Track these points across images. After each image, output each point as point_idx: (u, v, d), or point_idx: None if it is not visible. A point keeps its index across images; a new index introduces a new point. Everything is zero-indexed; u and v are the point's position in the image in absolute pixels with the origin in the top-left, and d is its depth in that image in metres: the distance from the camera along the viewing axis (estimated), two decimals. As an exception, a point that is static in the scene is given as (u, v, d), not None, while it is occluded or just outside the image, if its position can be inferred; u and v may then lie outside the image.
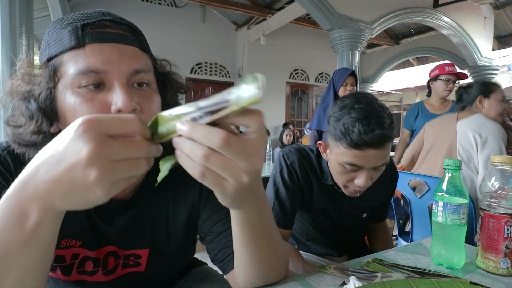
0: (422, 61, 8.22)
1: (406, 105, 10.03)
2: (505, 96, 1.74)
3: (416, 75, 8.18)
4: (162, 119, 0.35)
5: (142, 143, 0.33)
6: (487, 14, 5.48)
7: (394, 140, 0.85)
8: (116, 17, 0.52)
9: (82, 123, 0.31)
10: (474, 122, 1.65)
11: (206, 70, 6.14)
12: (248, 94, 0.30)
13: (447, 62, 2.74)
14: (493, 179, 0.70)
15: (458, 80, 2.36)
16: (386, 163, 0.85)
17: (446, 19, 4.88)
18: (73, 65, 0.47)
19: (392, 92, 9.42)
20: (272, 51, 6.29)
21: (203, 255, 0.76)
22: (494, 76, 5.53)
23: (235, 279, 0.59)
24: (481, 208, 0.71)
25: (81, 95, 0.47)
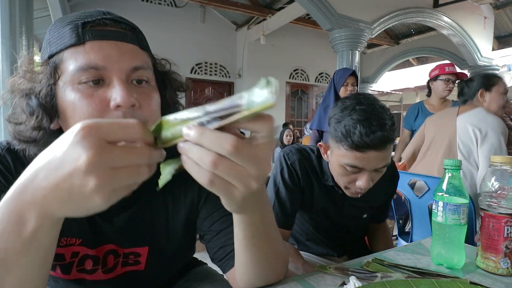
0: (422, 61, 8.22)
1: (406, 105, 10.03)
2: (507, 88, 1.70)
3: (416, 75, 8.18)
4: (167, 123, 0.34)
5: (144, 150, 0.32)
6: (487, 14, 5.48)
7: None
8: (116, 16, 0.53)
9: (81, 128, 0.30)
10: (474, 117, 1.62)
11: (206, 70, 6.15)
12: (261, 99, 0.29)
13: (447, 62, 2.75)
14: (493, 179, 0.70)
15: (458, 80, 2.36)
16: (387, 165, 0.85)
17: (446, 19, 4.88)
18: (73, 61, 0.48)
19: (392, 92, 9.42)
20: (272, 51, 6.29)
21: (203, 255, 0.76)
22: (494, 76, 5.53)
23: (234, 278, 0.59)
24: (481, 208, 0.71)
25: (80, 91, 0.47)
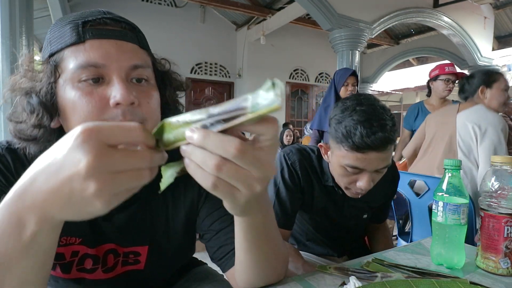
0: (422, 61, 8.22)
1: (406, 105, 10.02)
2: (508, 85, 1.68)
3: (416, 75, 8.18)
4: (169, 126, 0.33)
5: (145, 153, 0.31)
6: (487, 14, 5.48)
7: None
8: (116, 15, 0.53)
9: (82, 132, 0.29)
10: (474, 114, 1.61)
11: (206, 70, 6.14)
12: (267, 102, 0.28)
13: (447, 62, 2.75)
14: (493, 179, 0.70)
15: (458, 80, 2.36)
16: (388, 165, 0.84)
17: (446, 19, 4.88)
18: (73, 60, 0.48)
19: (392, 92, 9.42)
20: (272, 51, 6.29)
21: (203, 255, 0.76)
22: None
23: (234, 277, 0.59)
24: (481, 208, 0.71)
25: (80, 89, 0.48)
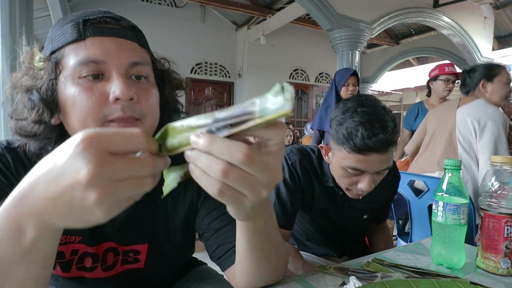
0: (422, 61, 8.23)
1: (406, 105, 10.02)
2: (510, 78, 1.64)
3: (416, 75, 8.17)
4: (173, 130, 0.32)
5: (147, 160, 0.31)
6: (487, 14, 5.48)
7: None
8: (116, 15, 0.54)
9: (82, 139, 0.29)
10: (474, 109, 1.59)
11: (206, 70, 6.14)
12: (276, 106, 0.27)
13: (447, 62, 2.74)
14: (493, 179, 0.70)
15: (458, 80, 2.35)
16: (389, 167, 0.84)
17: (446, 19, 4.88)
18: (74, 56, 0.49)
19: (392, 92, 9.42)
20: (272, 51, 6.28)
21: (203, 255, 0.76)
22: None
23: (233, 276, 0.59)
24: (481, 208, 0.71)
25: (80, 85, 0.49)
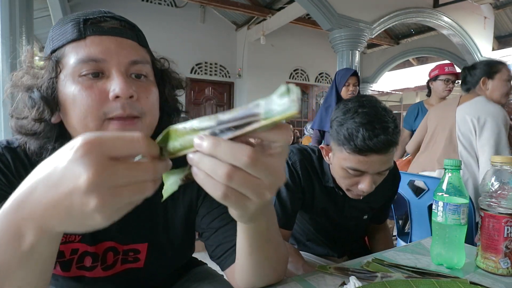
0: (422, 61, 8.23)
1: (406, 105, 10.02)
2: (511, 75, 1.61)
3: (416, 75, 8.18)
4: (175, 133, 0.32)
5: (149, 165, 0.30)
6: (487, 14, 5.49)
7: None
8: (116, 15, 0.55)
9: (82, 144, 0.28)
10: (473, 106, 1.57)
11: (206, 70, 6.14)
12: (281, 108, 0.27)
13: (447, 62, 2.74)
14: (493, 179, 0.70)
15: (458, 80, 2.35)
16: (390, 168, 0.84)
17: (446, 19, 4.88)
18: (74, 55, 0.50)
19: (392, 92, 9.42)
20: (272, 51, 6.28)
21: (203, 255, 0.76)
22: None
23: (233, 276, 0.59)
24: (481, 208, 0.71)
25: (80, 83, 0.49)
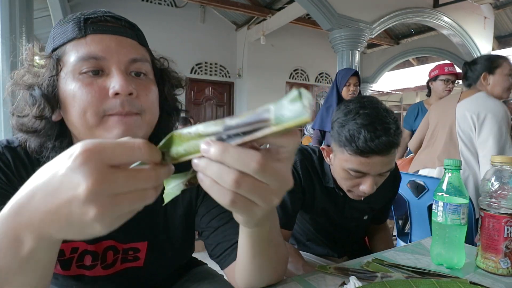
0: (422, 61, 8.23)
1: (406, 105, 10.02)
2: None
3: (416, 75, 8.18)
4: (179, 138, 0.31)
5: (150, 173, 0.29)
6: (487, 14, 5.49)
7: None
8: (116, 14, 0.55)
9: (81, 152, 0.27)
10: (473, 103, 1.54)
11: (206, 70, 6.14)
12: (293, 114, 0.25)
13: (447, 62, 2.74)
14: (493, 179, 0.70)
15: (458, 80, 2.35)
16: (391, 169, 0.83)
17: (446, 19, 4.88)
18: (75, 53, 0.50)
19: (392, 92, 9.43)
20: (272, 51, 6.28)
21: (203, 255, 0.76)
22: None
23: (233, 275, 0.59)
24: (481, 208, 0.71)
25: (80, 81, 0.50)
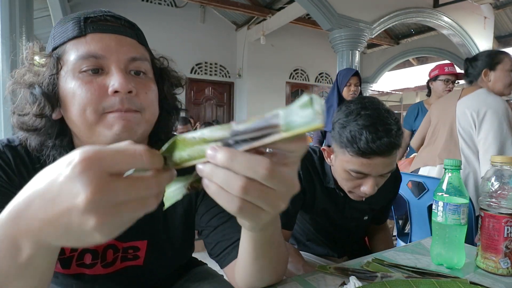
0: (422, 61, 8.23)
1: (406, 105, 10.02)
2: None
3: (416, 75, 8.19)
4: (183, 143, 0.30)
5: (152, 180, 0.28)
6: (487, 14, 5.49)
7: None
8: (116, 14, 0.56)
9: (81, 160, 0.26)
10: (474, 99, 1.53)
11: (206, 70, 6.15)
12: (304, 120, 0.25)
13: (447, 62, 2.74)
14: (493, 179, 0.70)
15: (458, 80, 2.35)
16: (392, 170, 0.83)
17: (446, 19, 4.88)
18: (75, 52, 0.51)
19: (392, 92, 9.43)
20: (272, 51, 6.29)
21: (203, 255, 0.76)
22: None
23: (233, 274, 0.59)
24: (481, 208, 0.71)
25: (80, 79, 0.50)
